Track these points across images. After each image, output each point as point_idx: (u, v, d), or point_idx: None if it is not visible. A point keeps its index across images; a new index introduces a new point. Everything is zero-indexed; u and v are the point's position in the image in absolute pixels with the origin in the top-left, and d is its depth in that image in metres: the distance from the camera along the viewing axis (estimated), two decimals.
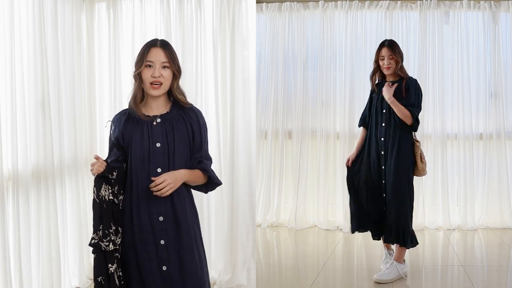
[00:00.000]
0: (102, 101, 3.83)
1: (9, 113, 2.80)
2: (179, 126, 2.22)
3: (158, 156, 2.18)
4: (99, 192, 2.12)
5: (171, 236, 2.17)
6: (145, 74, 2.18)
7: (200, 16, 3.66)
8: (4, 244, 2.68)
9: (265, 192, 5.22)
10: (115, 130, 2.27)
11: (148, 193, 2.15)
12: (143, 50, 2.20)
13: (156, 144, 2.19)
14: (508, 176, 4.97)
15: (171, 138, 2.20)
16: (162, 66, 2.17)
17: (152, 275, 2.15)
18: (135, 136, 2.20)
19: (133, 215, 2.18)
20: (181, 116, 2.24)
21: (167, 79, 2.19)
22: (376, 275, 3.56)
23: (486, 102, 5.04)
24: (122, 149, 2.25)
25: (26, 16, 2.98)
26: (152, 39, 2.25)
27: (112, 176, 2.17)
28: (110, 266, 2.10)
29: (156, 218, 2.16)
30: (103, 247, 2.10)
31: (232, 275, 3.60)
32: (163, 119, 2.23)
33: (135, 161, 2.19)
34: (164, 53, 2.18)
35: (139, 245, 2.16)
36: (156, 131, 2.20)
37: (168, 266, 2.16)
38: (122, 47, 3.75)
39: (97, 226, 2.11)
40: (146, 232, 2.16)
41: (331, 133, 5.19)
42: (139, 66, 2.18)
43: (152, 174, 2.17)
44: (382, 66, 3.57)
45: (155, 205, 2.16)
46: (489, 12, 4.99)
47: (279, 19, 5.25)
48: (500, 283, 3.57)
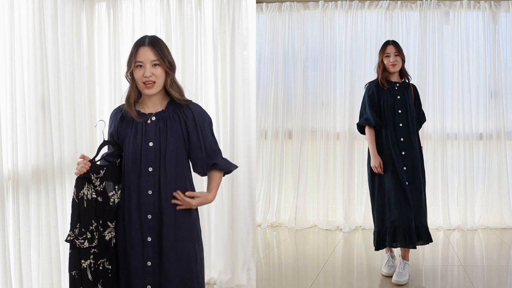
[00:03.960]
0: (102, 101, 3.83)
1: (9, 113, 2.80)
2: (174, 125, 2.21)
3: (150, 155, 2.19)
4: (79, 193, 2.17)
5: (158, 233, 2.20)
6: (136, 74, 2.16)
7: (200, 16, 3.66)
8: (4, 244, 2.67)
9: (265, 192, 5.22)
10: (110, 126, 2.29)
11: (138, 191, 2.18)
12: (132, 50, 2.18)
13: (148, 143, 2.19)
14: (508, 176, 4.97)
15: (164, 137, 2.20)
16: (152, 64, 2.15)
17: (137, 270, 2.19)
18: (129, 134, 2.21)
19: (125, 211, 2.22)
20: (177, 114, 2.23)
21: (159, 77, 2.17)
22: (395, 277, 3.51)
23: (486, 102, 5.04)
24: (117, 145, 2.26)
25: (26, 16, 2.98)
26: (141, 37, 2.21)
27: (99, 174, 2.20)
28: (83, 262, 2.18)
29: (145, 215, 2.19)
30: (77, 244, 2.16)
31: (232, 275, 3.60)
32: (157, 117, 2.22)
33: (128, 159, 2.21)
34: (153, 51, 2.15)
35: (128, 240, 2.21)
36: (150, 129, 2.20)
37: (152, 262, 2.20)
38: (122, 47, 3.75)
39: (74, 224, 2.17)
40: (134, 229, 2.20)
41: (331, 133, 5.19)
42: (130, 67, 2.17)
43: (143, 172, 2.18)
44: (387, 64, 3.55)
45: (145, 203, 2.19)
46: (489, 12, 4.99)
47: (279, 19, 5.25)
48: (500, 283, 3.57)
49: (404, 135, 3.51)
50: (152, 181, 2.18)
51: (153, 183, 2.18)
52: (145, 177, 2.18)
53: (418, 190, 3.51)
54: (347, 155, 5.09)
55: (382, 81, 3.56)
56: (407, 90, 3.59)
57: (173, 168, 2.20)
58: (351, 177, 5.08)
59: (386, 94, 3.56)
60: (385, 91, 3.56)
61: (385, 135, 3.54)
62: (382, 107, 3.56)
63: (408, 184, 3.48)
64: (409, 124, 3.52)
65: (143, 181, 2.18)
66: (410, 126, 3.53)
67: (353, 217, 5.10)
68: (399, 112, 3.53)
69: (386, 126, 3.53)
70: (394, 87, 3.57)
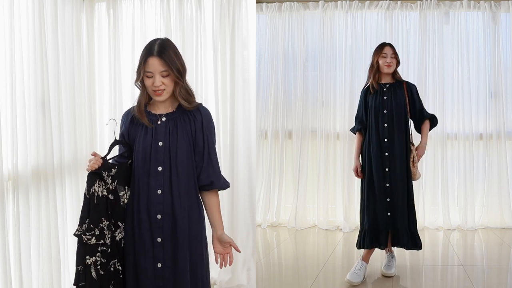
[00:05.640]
0: (102, 101, 3.83)
1: (9, 113, 2.80)
2: (183, 125, 2.24)
3: (159, 154, 2.20)
4: (91, 188, 2.17)
5: (168, 234, 2.20)
6: (147, 82, 2.19)
7: (200, 16, 3.66)
8: (4, 244, 2.68)
9: (265, 192, 5.23)
10: (122, 126, 2.31)
11: (147, 190, 2.19)
12: (141, 58, 2.19)
13: (158, 143, 2.21)
14: (508, 176, 4.97)
15: (174, 137, 2.22)
16: (161, 75, 2.17)
17: (146, 271, 2.19)
18: (140, 134, 2.23)
19: (134, 211, 2.21)
20: (187, 115, 2.25)
21: (169, 85, 2.19)
22: (384, 268, 3.64)
23: (486, 102, 5.04)
24: (128, 146, 2.28)
25: (26, 16, 2.98)
26: (151, 43, 2.21)
27: (110, 173, 2.21)
28: (88, 258, 2.17)
29: (154, 216, 2.19)
30: (84, 239, 2.15)
31: (232, 275, 3.60)
32: (168, 118, 2.24)
33: (138, 158, 2.22)
34: (162, 61, 2.15)
35: (137, 241, 2.20)
36: (160, 130, 2.22)
37: (162, 264, 2.19)
38: (122, 47, 3.75)
39: (83, 220, 2.16)
40: (144, 229, 2.19)
41: (331, 133, 5.19)
42: (139, 76, 2.19)
43: (152, 172, 2.19)
44: (382, 64, 3.55)
45: (154, 204, 2.19)
46: (489, 12, 4.99)
47: (279, 19, 5.25)
48: (500, 283, 3.57)
49: (388, 136, 3.50)
50: (161, 180, 2.19)
51: (163, 182, 2.19)
52: (155, 177, 2.19)
53: (400, 193, 3.48)
54: (347, 155, 5.09)
55: (374, 82, 3.58)
56: (397, 90, 3.56)
57: (184, 168, 2.22)
58: (351, 177, 5.07)
59: (374, 96, 3.57)
60: (373, 94, 3.58)
61: (368, 136, 3.57)
62: (369, 109, 3.58)
63: (389, 186, 3.47)
64: (395, 125, 3.50)
65: (153, 181, 2.19)
66: (396, 127, 3.50)
67: (353, 217, 5.09)
68: (384, 112, 3.52)
69: (371, 128, 3.56)
70: (383, 88, 3.58)
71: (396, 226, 3.49)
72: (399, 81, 3.61)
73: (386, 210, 3.49)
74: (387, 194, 3.48)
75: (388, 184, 3.48)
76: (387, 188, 3.48)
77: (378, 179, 3.49)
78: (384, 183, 3.48)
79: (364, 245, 3.55)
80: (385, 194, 3.48)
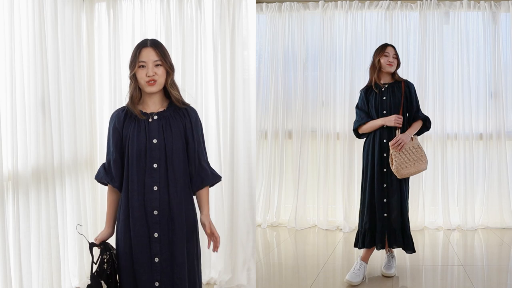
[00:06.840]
0: (102, 101, 3.83)
1: (9, 113, 2.80)
2: (176, 123, 2.29)
3: (154, 151, 2.25)
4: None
5: (165, 229, 2.24)
6: (139, 74, 2.25)
7: (200, 16, 3.66)
8: (4, 244, 2.68)
9: (265, 192, 5.23)
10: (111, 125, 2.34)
11: (143, 187, 2.23)
12: (134, 51, 2.27)
13: (152, 140, 2.25)
14: (508, 176, 4.97)
15: (168, 134, 2.26)
16: (154, 64, 2.24)
17: (144, 266, 2.23)
18: (132, 132, 2.27)
19: (129, 208, 2.25)
20: (178, 114, 2.31)
21: (161, 76, 2.25)
22: (384, 269, 3.65)
23: (486, 102, 5.04)
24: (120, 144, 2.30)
25: (26, 16, 2.98)
26: (142, 40, 2.31)
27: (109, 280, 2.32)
28: None
29: (151, 212, 2.23)
30: None
31: (232, 275, 3.60)
32: (159, 116, 2.29)
33: (132, 156, 2.26)
34: (155, 52, 2.25)
35: (134, 238, 2.23)
36: (152, 127, 2.26)
37: (160, 259, 2.23)
38: (122, 47, 3.75)
39: None
40: (140, 225, 2.23)
41: (331, 133, 5.19)
42: (133, 68, 2.25)
43: (148, 169, 2.23)
44: (384, 63, 3.55)
45: (151, 200, 2.23)
46: (489, 12, 4.99)
47: (279, 19, 5.25)
48: (500, 283, 3.57)
49: (387, 137, 3.51)
50: (157, 177, 2.23)
51: (159, 179, 2.23)
52: (150, 174, 2.23)
53: (397, 194, 3.49)
54: (347, 155, 5.09)
55: (376, 80, 3.58)
56: (395, 89, 3.56)
57: (180, 164, 2.27)
58: (351, 177, 5.08)
59: (374, 96, 3.58)
60: (373, 94, 3.59)
61: (371, 136, 3.59)
62: (370, 109, 3.60)
63: (386, 186, 3.50)
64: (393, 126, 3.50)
65: (148, 178, 2.23)
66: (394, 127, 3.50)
67: (353, 217, 5.09)
68: (384, 113, 3.54)
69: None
70: (382, 88, 3.58)
71: (391, 226, 3.51)
72: (398, 80, 3.61)
73: (383, 211, 3.51)
74: (385, 195, 3.51)
75: (385, 185, 3.51)
76: (385, 189, 3.51)
77: (377, 180, 3.52)
78: (382, 184, 3.52)
79: (364, 245, 3.57)
80: (382, 195, 3.51)
